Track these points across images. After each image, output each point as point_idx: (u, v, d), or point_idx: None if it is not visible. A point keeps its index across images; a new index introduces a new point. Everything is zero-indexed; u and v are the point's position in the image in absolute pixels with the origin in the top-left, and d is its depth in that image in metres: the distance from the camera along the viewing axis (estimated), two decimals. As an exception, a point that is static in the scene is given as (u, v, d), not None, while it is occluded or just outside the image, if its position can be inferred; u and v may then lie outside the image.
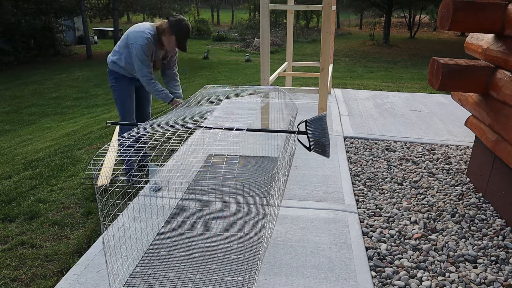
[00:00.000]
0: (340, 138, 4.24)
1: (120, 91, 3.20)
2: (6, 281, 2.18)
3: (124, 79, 3.19)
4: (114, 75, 3.19)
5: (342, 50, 18.60)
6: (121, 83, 3.19)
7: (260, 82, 4.25)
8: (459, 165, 3.57)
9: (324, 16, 3.89)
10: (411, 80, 9.28)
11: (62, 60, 17.91)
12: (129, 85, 3.22)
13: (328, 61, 4.03)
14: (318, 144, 2.13)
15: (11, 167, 4.14)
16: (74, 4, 19.21)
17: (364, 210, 2.82)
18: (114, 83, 3.20)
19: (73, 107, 9.40)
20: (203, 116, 2.61)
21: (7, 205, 3.08)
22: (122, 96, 3.21)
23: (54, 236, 2.59)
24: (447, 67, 2.66)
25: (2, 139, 6.83)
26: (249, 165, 3.52)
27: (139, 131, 2.08)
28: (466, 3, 2.55)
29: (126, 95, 3.22)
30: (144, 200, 2.92)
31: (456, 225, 2.64)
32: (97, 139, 4.70)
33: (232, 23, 35.40)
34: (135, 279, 2.07)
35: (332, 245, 2.39)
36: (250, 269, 2.15)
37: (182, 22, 3.02)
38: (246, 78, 10.89)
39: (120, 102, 3.22)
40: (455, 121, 4.89)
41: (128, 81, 3.20)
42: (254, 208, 2.80)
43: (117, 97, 3.23)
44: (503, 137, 2.62)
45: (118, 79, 3.18)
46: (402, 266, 2.23)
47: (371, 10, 24.69)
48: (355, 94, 6.45)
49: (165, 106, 6.30)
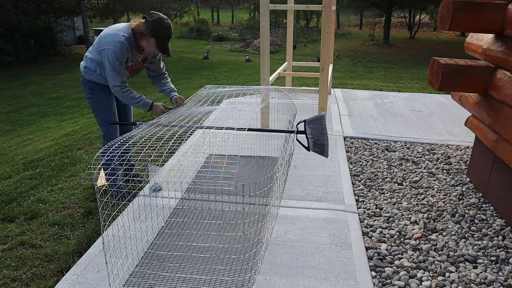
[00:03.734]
0: (340, 138, 4.24)
1: (99, 103, 2.87)
2: (6, 281, 2.18)
3: (102, 88, 2.85)
4: (90, 85, 2.84)
5: (342, 50, 18.60)
6: (98, 93, 2.85)
7: (260, 82, 4.25)
8: (459, 165, 3.57)
9: (324, 16, 3.88)
10: (411, 80, 9.28)
11: (62, 60, 17.91)
12: (108, 95, 2.87)
13: (328, 61, 4.03)
14: (317, 144, 2.13)
15: (11, 167, 4.14)
16: (74, 4, 19.20)
17: (364, 210, 2.82)
18: (91, 95, 2.86)
19: (73, 107, 9.41)
20: (204, 116, 2.58)
21: (7, 205, 3.08)
22: (101, 108, 2.87)
23: (54, 236, 2.59)
24: (447, 67, 2.66)
25: (2, 139, 6.83)
26: (249, 165, 3.52)
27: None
28: (466, 3, 2.55)
29: (106, 107, 2.89)
30: (144, 200, 2.92)
31: (456, 225, 2.64)
32: (97, 139, 4.70)
33: (232, 23, 35.41)
34: (135, 279, 2.07)
35: (332, 245, 2.39)
36: (250, 269, 2.15)
37: (162, 22, 2.65)
38: (246, 78, 10.89)
39: (100, 115, 2.88)
40: (455, 121, 4.89)
41: (107, 90, 2.84)
42: (254, 208, 2.80)
43: (96, 109, 2.88)
44: (503, 137, 2.62)
45: (95, 89, 2.84)
46: (402, 266, 2.23)
47: (371, 10, 24.69)
48: (355, 94, 6.45)
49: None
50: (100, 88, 2.85)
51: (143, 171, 3.45)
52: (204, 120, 4.55)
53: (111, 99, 2.91)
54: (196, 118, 2.41)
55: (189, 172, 3.36)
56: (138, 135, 2.07)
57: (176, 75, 12.73)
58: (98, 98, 2.86)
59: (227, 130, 2.59)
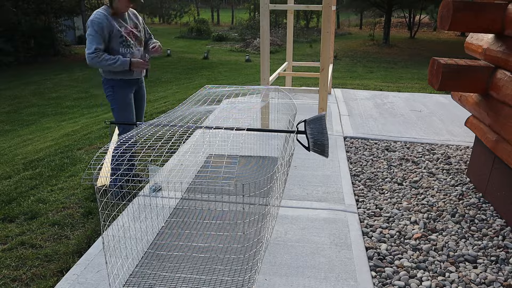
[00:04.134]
0: (340, 138, 4.24)
1: (119, 100, 2.96)
2: (6, 281, 2.18)
3: (123, 87, 2.95)
4: (111, 83, 2.94)
5: (342, 50, 18.60)
6: (119, 91, 2.95)
7: (260, 82, 4.24)
8: (459, 165, 3.57)
9: (324, 16, 3.89)
10: (411, 80, 9.28)
11: (62, 60, 17.90)
12: (128, 93, 2.99)
13: (328, 61, 4.03)
14: (317, 144, 2.13)
15: (11, 167, 4.14)
16: (74, 4, 19.20)
17: (364, 210, 2.82)
18: (111, 92, 2.95)
19: (73, 107, 9.40)
20: (203, 116, 2.58)
21: (7, 205, 3.08)
22: (121, 105, 2.97)
23: (54, 236, 2.59)
24: (447, 67, 2.66)
25: (2, 139, 6.83)
26: (249, 165, 3.52)
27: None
28: (466, 3, 2.55)
29: (125, 103, 2.98)
30: (144, 200, 2.92)
31: (456, 225, 2.64)
32: (97, 139, 4.70)
33: (232, 23, 35.40)
34: (135, 279, 2.07)
35: (332, 245, 2.39)
36: (250, 269, 2.15)
37: None
38: (246, 78, 10.89)
39: (119, 112, 2.98)
40: (455, 121, 4.89)
41: (126, 87, 2.98)
42: (254, 208, 2.80)
43: (115, 106, 2.98)
44: (503, 137, 2.62)
45: (116, 87, 2.94)
46: (402, 266, 2.23)
47: (371, 10, 24.69)
48: (355, 94, 6.45)
49: (165, 106, 6.30)
50: (120, 86, 2.95)
51: (143, 171, 3.45)
52: (204, 120, 4.55)
53: (130, 97, 3.02)
54: (196, 118, 2.41)
55: (189, 172, 3.36)
56: (138, 135, 2.07)
57: (176, 75, 12.73)
58: (118, 96, 2.96)
59: (226, 130, 2.59)
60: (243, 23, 28.11)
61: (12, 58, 16.06)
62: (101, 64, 2.78)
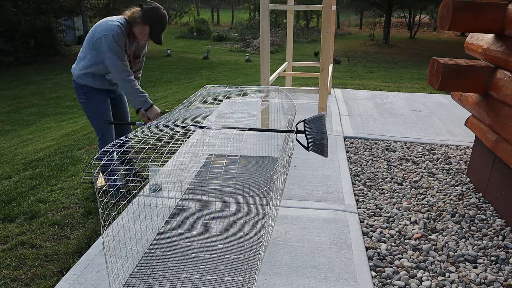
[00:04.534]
0: (340, 138, 4.24)
1: (93, 107, 2.78)
2: (6, 281, 2.18)
3: (97, 92, 2.79)
4: (84, 89, 2.75)
5: (342, 50, 18.60)
6: (93, 97, 2.77)
7: (260, 82, 4.25)
8: (459, 165, 3.57)
9: (324, 16, 3.89)
10: (411, 80, 9.28)
11: (62, 60, 17.90)
12: (104, 98, 2.82)
13: (328, 61, 4.03)
14: (316, 143, 2.13)
15: (11, 167, 4.14)
16: (74, 4, 19.20)
17: (364, 210, 2.82)
18: (85, 99, 2.77)
19: (73, 107, 9.40)
20: (204, 116, 2.58)
21: (7, 205, 3.08)
22: (96, 112, 2.80)
23: (54, 236, 2.59)
24: (447, 67, 2.66)
25: (2, 139, 6.83)
26: (249, 165, 3.52)
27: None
28: (466, 3, 2.55)
29: (101, 110, 2.81)
30: (144, 200, 2.92)
31: (456, 225, 2.64)
32: (97, 139, 4.70)
33: (232, 23, 35.39)
34: (135, 279, 2.07)
35: (332, 245, 2.39)
36: (250, 269, 2.15)
37: (158, 10, 2.64)
38: (246, 78, 10.89)
39: (96, 119, 2.81)
40: (455, 121, 4.89)
41: (102, 94, 2.81)
42: (254, 208, 2.80)
43: (90, 113, 2.80)
44: (503, 137, 2.62)
45: (89, 93, 2.76)
46: (402, 266, 2.23)
47: (371, 10, 24.68)
48: (355, 94, 6.45)
49: (165, 106, 6.30)
50: (94, 91, 2.78)
51: (143, 171, 3.45)
52: (204, 120, 4.55)
53: (106, 103, 2.85)
54: (196, 118, 2.41)
55: (189, 172, 3.36)
56: (138, 135, 2.07)
57: (176, 75, 12.73)
58: (92, 102, 2.79)
59: (227, 130, 2.59)
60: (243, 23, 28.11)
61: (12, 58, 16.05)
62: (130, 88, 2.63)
